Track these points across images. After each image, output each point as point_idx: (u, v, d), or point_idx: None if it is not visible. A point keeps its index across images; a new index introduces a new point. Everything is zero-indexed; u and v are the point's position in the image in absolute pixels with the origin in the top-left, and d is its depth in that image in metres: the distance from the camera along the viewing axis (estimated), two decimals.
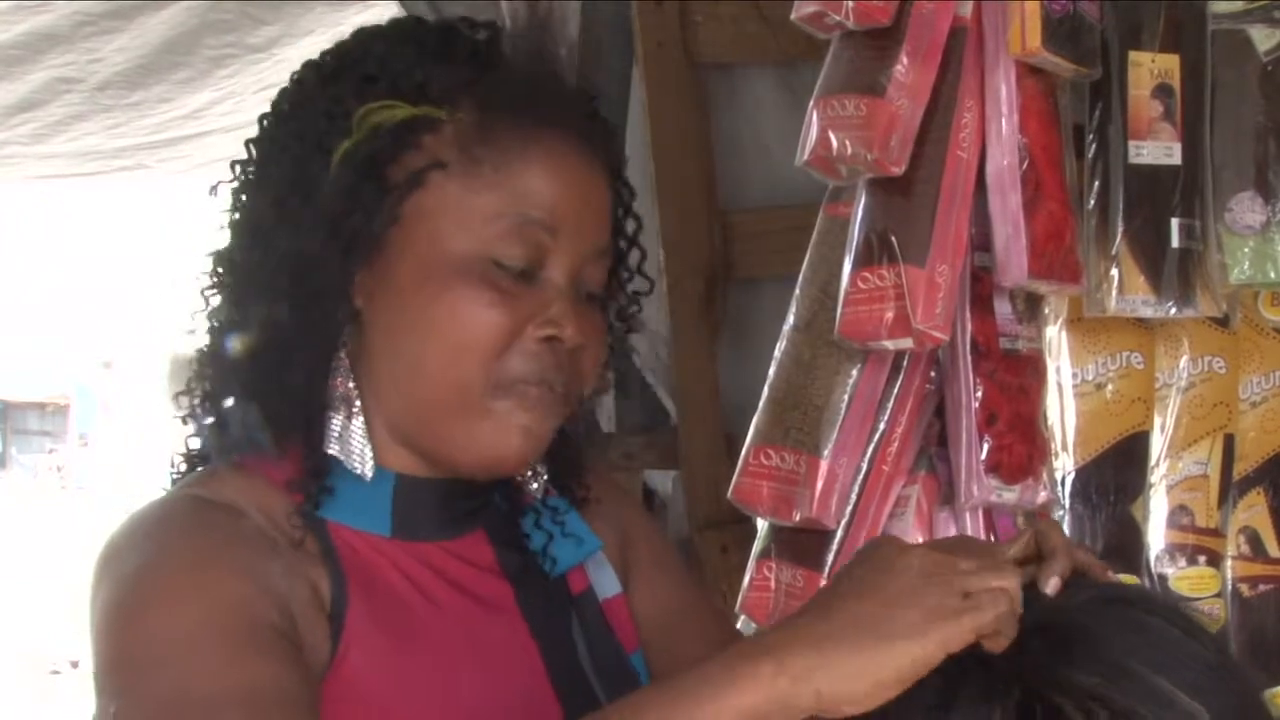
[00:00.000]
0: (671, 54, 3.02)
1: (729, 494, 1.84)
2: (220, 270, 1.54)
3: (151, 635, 1.38)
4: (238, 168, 1.55)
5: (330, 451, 1.49)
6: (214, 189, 1.57)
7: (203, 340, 1.54)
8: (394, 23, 1.59)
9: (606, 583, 1.64)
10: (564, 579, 1.60)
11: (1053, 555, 1.23)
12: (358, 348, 1.51)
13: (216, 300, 1.54)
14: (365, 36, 1.56)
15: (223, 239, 1.54)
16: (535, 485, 1.59)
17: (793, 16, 1.77)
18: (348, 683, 1.42)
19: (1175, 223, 1.89)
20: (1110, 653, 1.13)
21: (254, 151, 1.55)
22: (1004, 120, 1.75)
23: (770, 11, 2.76)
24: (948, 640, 1.16)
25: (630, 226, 1.63)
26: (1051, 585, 1.19)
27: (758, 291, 3.01)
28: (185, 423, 1.55)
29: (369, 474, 1.49)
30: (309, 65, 1.57)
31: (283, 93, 1.57)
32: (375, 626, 1.45)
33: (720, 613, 1.75)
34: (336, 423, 1.50)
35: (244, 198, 1.54)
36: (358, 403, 1.50)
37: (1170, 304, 1.88)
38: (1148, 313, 1.90)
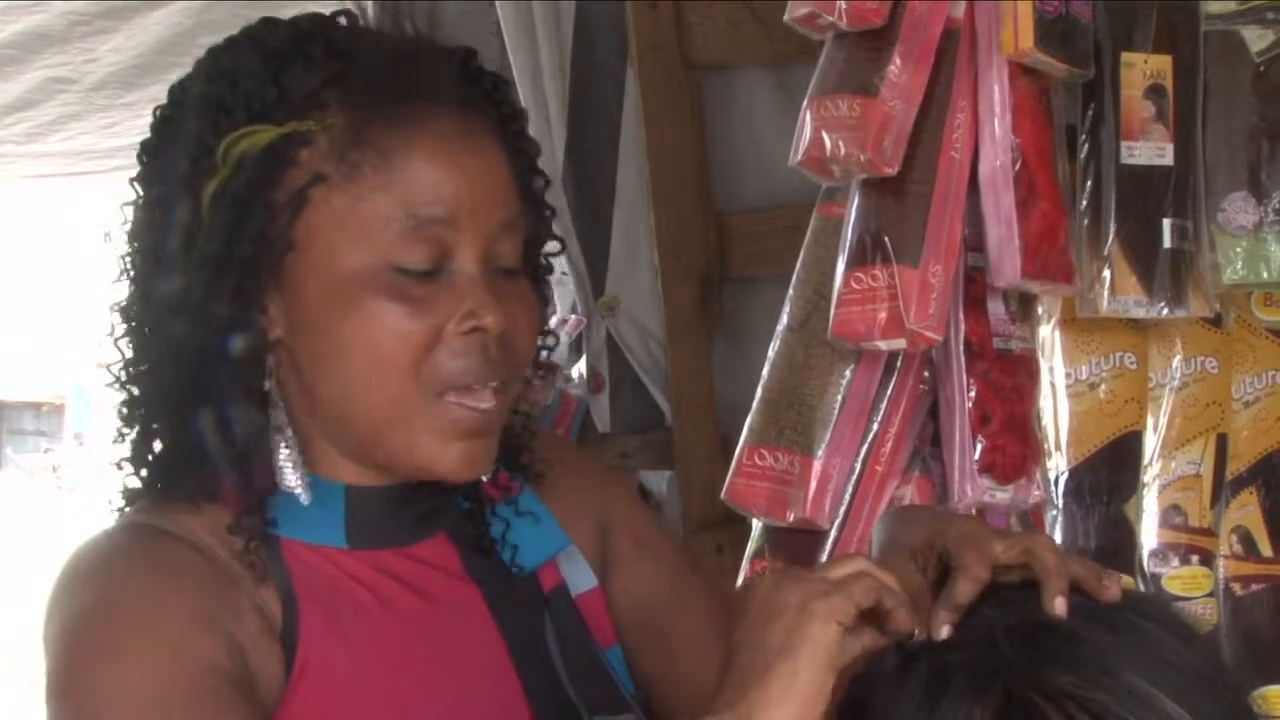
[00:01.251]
0: (666, 55, 3.02)
1: (722, 494, 1.84)
2: (127, 323, 1.48)
3: (98, 692, 1.36)
4: (126, 210, 1.49)
5: (281, 486, 1.44)
6: (107, 235, 1.52)
7: (125, 391, 1.49)
8: (242, 34, 1.49)
9: (580, 578, 1.61)
10: (535, 577, 1.58)
11: (1047, 577, 1.20)
12: (288, 375, 1.46)
13: (130, 351, 1.48)
14: (216, 55, 1.49)
15: (122, 289, 1.48)
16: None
17: (786, 18, 1.77)
18: (306, 704, 1.40)
19: (1167, 223, 1.89)
20: (1093, 653, 1.12)
21: (137, 191, 1.48)
22: (997, 121, 1.75)
23: (764, 12, 2.75)
24: (831, 612, 1.18)
25: (538, 183, 1.54)
26: (1058, 606, 1.17)
27: (753, 292, 3.01)
28: (121, 467, 1.50)
29: (307, 501, 1.45)
30: (172, 94, 1.50)
31: (151, 128, 1.50)
32: (333, 642, 1.42)
33: (714, 590, 1.70)
34: (280, 455, 1.46)
35: (136, 244, 1.48)
36: (289, 431, 1.45)
37: (1162, 304, 1.88)
38: (1140, 313, 1.90)
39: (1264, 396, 2.06)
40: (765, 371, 1.85)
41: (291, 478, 1.45)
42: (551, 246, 1.60)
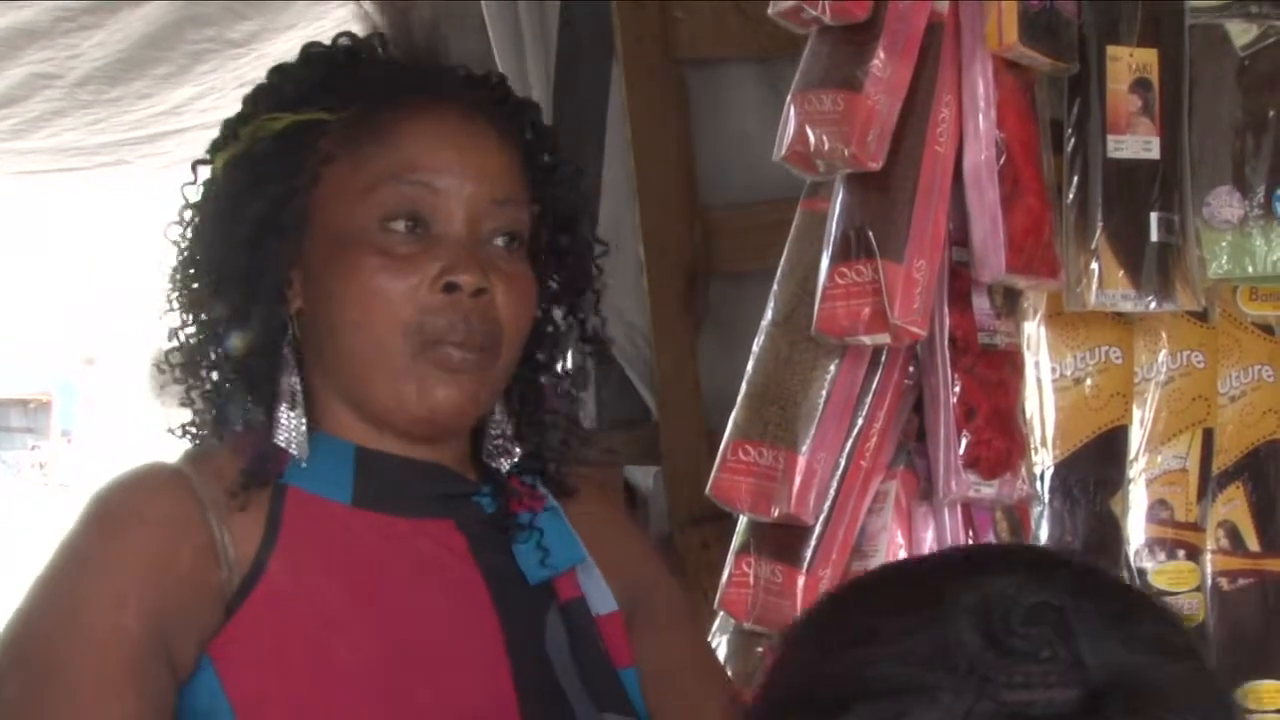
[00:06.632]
0: (651, 50, 3.02)
1: (707, 490, 1.84)
2: (173, 284, 1.64)
3: (25, 636, 1.49)
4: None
5: (278, 442, 1.56)
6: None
7: (172, 344, 1.64)
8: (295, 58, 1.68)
9: (601, 598, 1.65)
10: (551, 586, 1.61)
11: None
12: (307, 342, 1.59)
13: (176, 309, 1.64)
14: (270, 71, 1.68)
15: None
16: (503, 461, 1.63)
17: (770, 12, 1.77)
18: (254, 623, 1.49)
19: (1154, 217, 1.88)
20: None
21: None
22: (981, 115, 1.74)
23: (749, 7, 2.75)
24: None
25: (562, 195, 1.67)
26: None
27: (738, 286, 3.01)
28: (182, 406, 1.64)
29: (301, 455, 1.56)
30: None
31: None
32: (297, 587, 1.51)
33: (718, 670, 1.78)
34: (282, 414, 1.57)
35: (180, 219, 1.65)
36: (297, 394, 1.57)
37: (1150, 298, 1.88)
38: (1128, 307, 1.89)
39: (1250, 391, 2.06)
40: (749, 366, 1.84)
41: (285, 436, 1.56)
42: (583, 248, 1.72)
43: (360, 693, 1.48)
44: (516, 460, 1.65)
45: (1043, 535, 1.94)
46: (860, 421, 1.77)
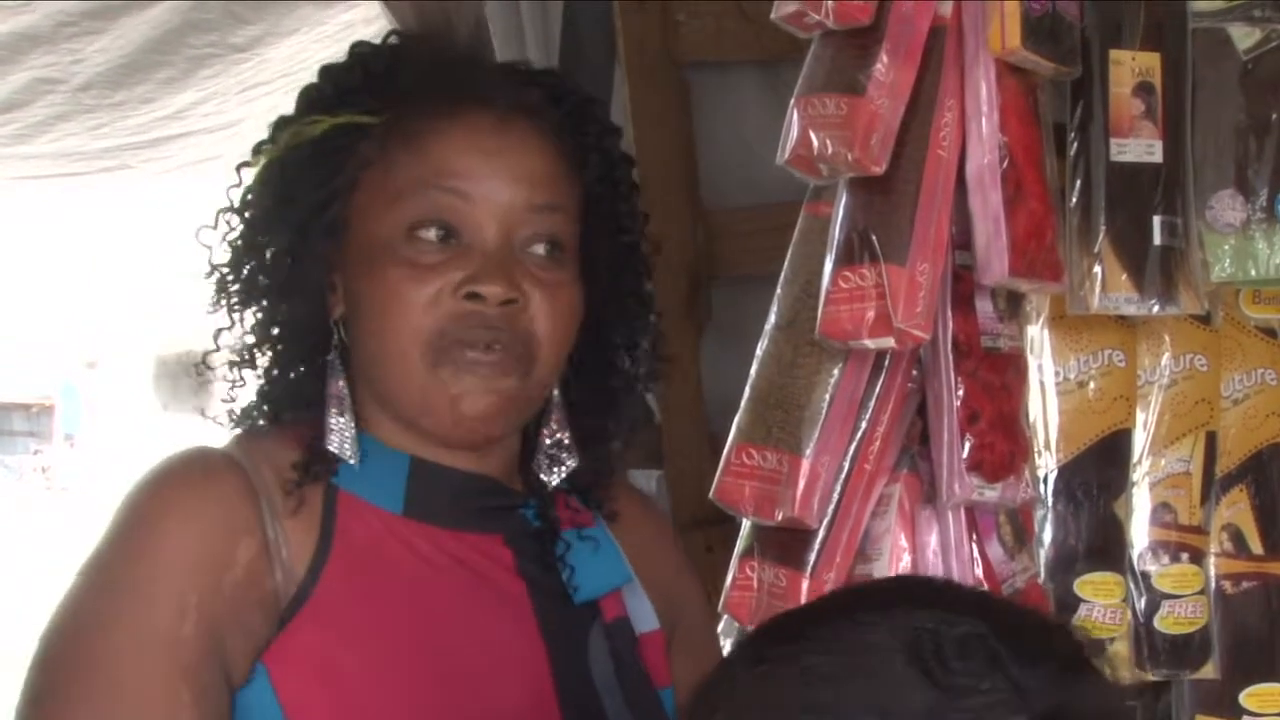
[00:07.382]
0: (654, 54, 3.02)
1: (711, 493, 1.84)
2: (215, 285, 1.63)
3: (77, 630, 1.46)
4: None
5: (329, 447, 1.54)
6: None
7: (225, 341, 1.64)
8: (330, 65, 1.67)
9: (643, 616, 1.65)
10: (595, 604, 1.61)
11: None
12: (352, 350, 1.57)
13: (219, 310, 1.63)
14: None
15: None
16: (555, 472, 1.61)
17: (773, 16, 1.77)
18: (309, 636, 1.47)
19: (1157, 220, 1.88)
20: None
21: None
22: (984, 119, 1.74)
23: (752, 11, 2.75)
24: None
25: (617, 195, 1.67)
26: None
27: (741, 290, 3.01)
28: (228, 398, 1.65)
29: (354, 461, 1.55)
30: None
31: None
32: (357, 592, 1.50)
33: None
34: (332, 419, 1.55)
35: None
36: (348, 399, 1.56)
37: (1153, 302, 1.88)
38: (1131, 310, 1.89)
39: (1253, 394, 2.06)
40: (753, 370, 1.84)
41: (337, 441, 1.55)
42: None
43: (408, 705, 1.48)
44: (569, 471, 1.63)
45: (1046, 538, 1.94)
46: (864, 425, 1.77)
